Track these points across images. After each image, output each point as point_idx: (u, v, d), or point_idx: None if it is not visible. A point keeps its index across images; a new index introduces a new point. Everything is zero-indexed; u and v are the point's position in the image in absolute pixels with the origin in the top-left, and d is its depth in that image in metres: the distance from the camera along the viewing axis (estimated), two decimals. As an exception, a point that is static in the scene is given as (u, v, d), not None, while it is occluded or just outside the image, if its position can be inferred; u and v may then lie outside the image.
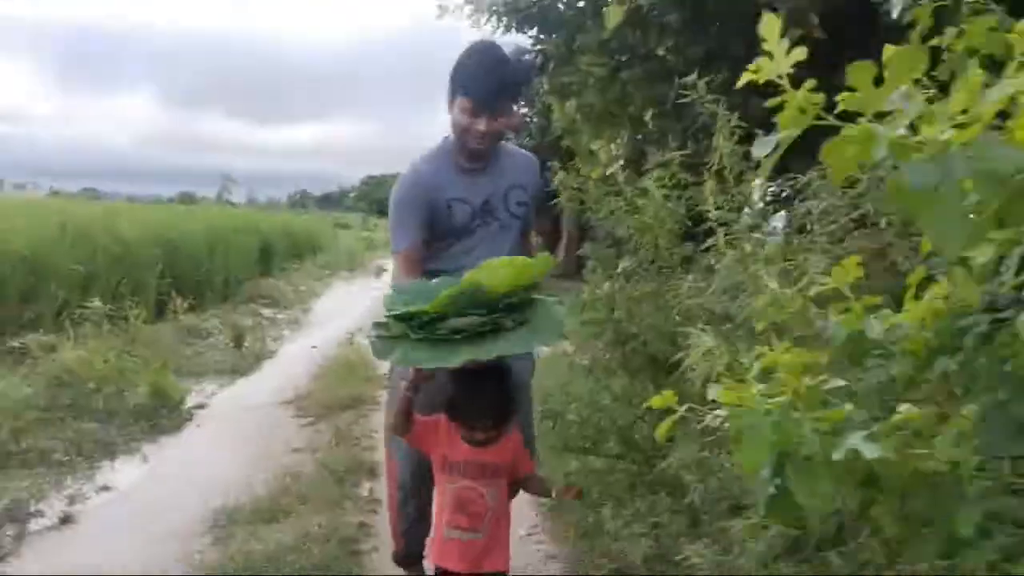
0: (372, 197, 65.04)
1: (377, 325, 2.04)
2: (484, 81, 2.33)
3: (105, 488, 4.23)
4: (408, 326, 1.95)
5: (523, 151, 2.76)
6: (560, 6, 6.70)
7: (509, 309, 1.96)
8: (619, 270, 3.03)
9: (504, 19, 6.69)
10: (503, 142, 2.62)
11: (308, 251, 20.11)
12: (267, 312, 11.11)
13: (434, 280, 2.15)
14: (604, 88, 7.15)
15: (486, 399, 2.15)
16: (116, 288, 7.80)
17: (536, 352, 2.67)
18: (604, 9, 5.70)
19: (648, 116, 6.56)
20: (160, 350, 6.86)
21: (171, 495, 4.09)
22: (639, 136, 7.10)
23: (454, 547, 2.17)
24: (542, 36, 6.82)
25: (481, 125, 2.36)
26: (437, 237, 2.52)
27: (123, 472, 4.52)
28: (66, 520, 3.75)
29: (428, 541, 2.50)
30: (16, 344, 5.99)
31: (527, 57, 2.36)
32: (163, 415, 5.46)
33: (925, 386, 1.03)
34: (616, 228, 3.10)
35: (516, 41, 6.29)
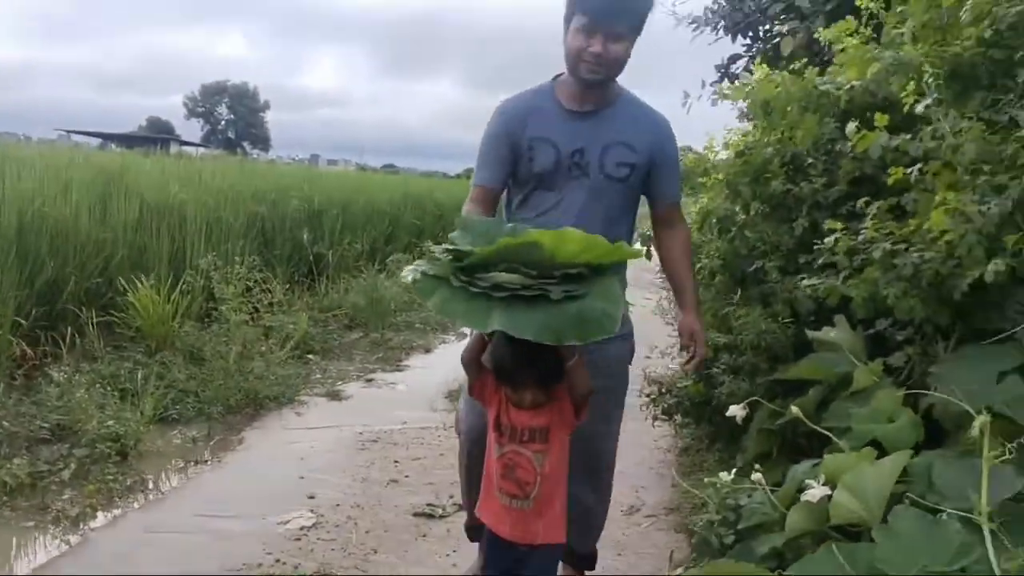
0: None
1: (429, 259, 1.83)
2: None
3: (443, 342, 7.54)
4: (454, 267, 1.77)
5: (656, 111, 2.33)
6: (764, 22, 7.74)
7: (564, 279, 1.75)
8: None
9: (719, 30, 7.75)
10: (634, 96, 2.31)
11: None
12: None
13: (509, 225, 1.97)
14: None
15: (532, 365, 1.89)
16: (437, 236, 11.42)
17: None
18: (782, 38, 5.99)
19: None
20: (465, 277, 10.33)
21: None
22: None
23: (505, 514, 1.98)
24: (752, 45, 7.83)
25: (596, 46, 2.07)
26: (519, 182, 2.27)
27: (449, 336, 7.82)
28: (427, 351, 7.05)
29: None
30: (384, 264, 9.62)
31: None
32: (470, 311, 8.80)
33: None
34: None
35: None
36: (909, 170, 2.33)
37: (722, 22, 7.05)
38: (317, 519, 3.33)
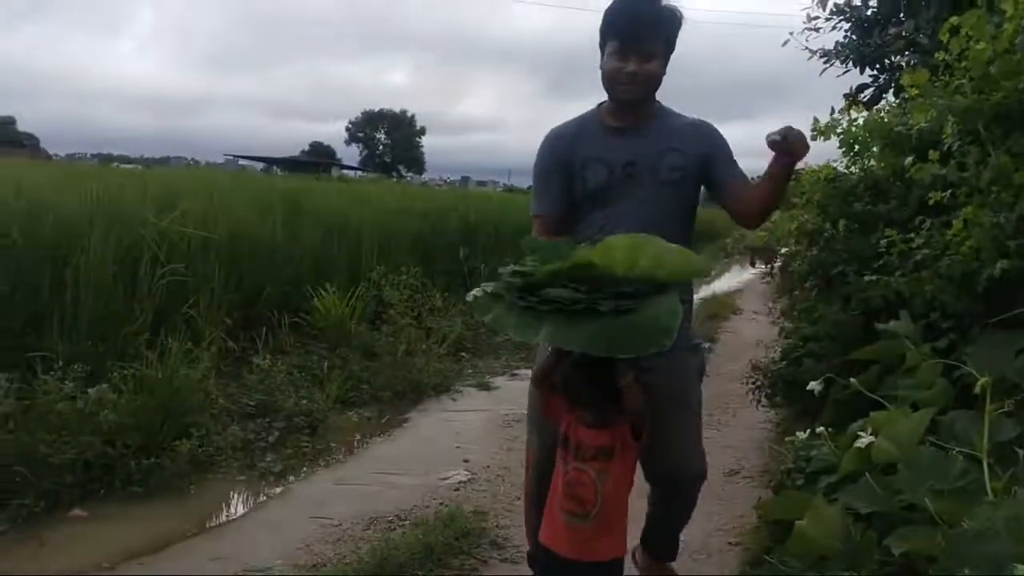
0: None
1: (495, 280, 1.87)
2: (632, 20, 2.19)
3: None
4: (513, 286, 1.78)
5: (699, 118, 2.39)
6: (889, 55, 7.46)
7: (618, 295, 1.71)
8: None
9: (848, 63, 7.49)
10: (673, 110, 2.38)
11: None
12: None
13: (581, 244, 1.87)
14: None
15: (591, 382, 1.92)
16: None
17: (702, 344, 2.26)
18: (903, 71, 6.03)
19: None
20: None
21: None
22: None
23: (564, 531, 2.00)
24: (878, 75, 7.60)
25: (631, 66, 2.17)
26: (576, 203, 2.32)
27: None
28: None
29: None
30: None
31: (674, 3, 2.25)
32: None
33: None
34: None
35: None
36: (943, 193, 2.84)
37: (850, 55, 7.56)
38: (471, 476, 4.11)
